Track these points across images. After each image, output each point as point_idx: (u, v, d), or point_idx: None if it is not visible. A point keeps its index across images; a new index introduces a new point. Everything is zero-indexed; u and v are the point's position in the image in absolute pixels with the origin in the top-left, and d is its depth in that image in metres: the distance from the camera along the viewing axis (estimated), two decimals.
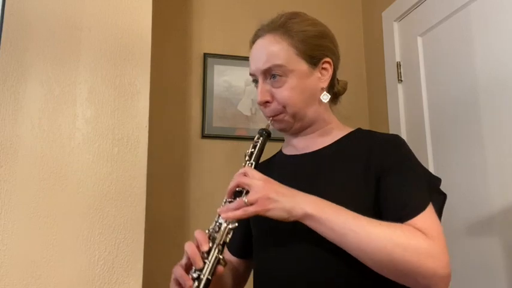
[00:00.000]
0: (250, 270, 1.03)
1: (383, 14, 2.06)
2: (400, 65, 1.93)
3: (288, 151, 0.99)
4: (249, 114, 2.00)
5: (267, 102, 0.90)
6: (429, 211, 0.78)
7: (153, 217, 1.56)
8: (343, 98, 1.04)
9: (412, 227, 0.74)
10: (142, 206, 1.29)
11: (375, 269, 0.74)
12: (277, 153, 1.05)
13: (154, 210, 1.68)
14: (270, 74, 0.89)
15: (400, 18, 1.94)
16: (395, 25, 1.97)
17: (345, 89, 1.02)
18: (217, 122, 1.97)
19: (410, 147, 0.88)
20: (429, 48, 1.78)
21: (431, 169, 1.69)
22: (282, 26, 0.91)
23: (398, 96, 1.92)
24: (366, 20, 2.26)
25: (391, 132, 1.93)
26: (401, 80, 1.92)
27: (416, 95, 1.82)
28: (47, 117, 1.26)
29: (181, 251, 0.80)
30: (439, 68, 1.71)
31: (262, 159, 0.99)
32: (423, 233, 0.74)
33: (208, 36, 2.06)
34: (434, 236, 0.74)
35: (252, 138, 0.92)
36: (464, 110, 1.56)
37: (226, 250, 1.02)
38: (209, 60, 2.01)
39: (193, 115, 1.97)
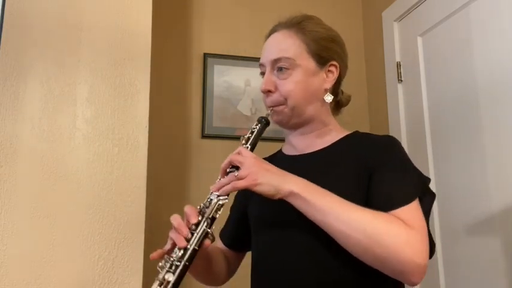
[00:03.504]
0: (239, 263, 1.05)
1: (383, 14, 2.06)
2: (400, 65, 1.93)
3: (287, 151, 1.01)
4: (249, 114, 2.00)
5: (270, 91, 0.92)
6: (414, 206, 0.79)
7: (153, 217, 1.56)
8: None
9: (394, 216, 0.76)
10: (143, 206, 1.29)
11: (354, 253, 0.76)
12: (278, 152, 1.07)
13: (154, 210, 1.68)
14: (278, 66, 0.91)
15: (400, 18, 1.94)
16: (395, 25, 1.97)
17: (348, 101, 1.06)
18: (217, 122, 1.97)
19: (411, 147, 0.89)
20: (429, 48, 1.77)
21: (431, 169, 1.70)
22: (298, 23, 0.95)
23: (398, 96, 1.91)
24: (366, 20, 2.26)
25: (390, 132, 1.94)
26: (401, 80, 1.92)
27: (416, 95, 1.82)
28: (47, 117, 1.26)
29: None
30: (439, 68, 1.71)
31: (263, 156, 1.00)
32: (405, 222, 0.75)
33: (208, 36, 2.06)
34: (415, 227, 0.76)
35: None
36: (464, 110, 1.56)
37: (218, 239, 1.05)
38: (209, 60, 2.00)
39: (193, 115, 1.97)
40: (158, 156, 1.82)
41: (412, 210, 0.78)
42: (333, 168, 0.89)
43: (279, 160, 1.02)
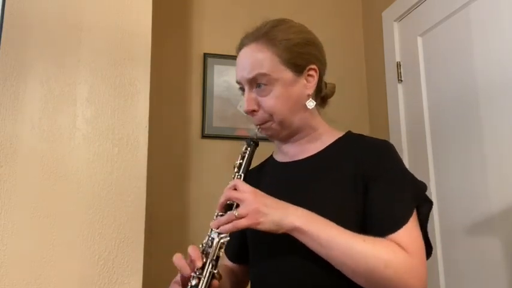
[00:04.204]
0: (249, 275, 1.03)
1: (383, 14, 2.06)
2: (400, 65, 1.93)
3: (279, 158, 1.00)
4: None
5: (254, 110, 0.91)
6: (411, 224, 0.80)
7: (153, 217, 1.56)
8: (343, 100, 1.04)
9: (393, 243, 0.77)
10: (143, 206, 1.29)
11: (357, 282, 0.78)
12: (269, 158, 1.06)
13: (155, 210, 1.68)
14: (256, 82, 0.89)
15: (400, 18, 1.94)
16: (395, 25, 1.97)
17: (333, 92, 1.02)
18: (217, 122, 1.97)
19: (410, 148, 0.89)
20: (429, 48, 1.77)
21: (431, 169, 1.70)
22: (266, 34, 0.91)
23: (398, 96, 1.91)
24: (366, 20, 2.26)
25: (390, 132, 1.94)
26: (401, 80, 1.92)
27: (416, 95, 1.82)
28: (47, 117, 1.26)
29: (181, 251, 0.81)
30: (439, 68, 1.71)
31: (253, 165, 1.00)
32: (404, 248, 0.77)
33: (208, 36, 2.06)
34: (413, 252, 0.77)
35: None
36: (464, 110, 1.56)
37: (223, 255, 1.03)
38: (209, 60, 2.00)
39: (193, 115, 1.97)
40: (158, 156, 1.82)
41: (409, 231, 0.79)
42: (327, 173, 0.88)
43: (271, 167, 1.01)
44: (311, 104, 0.92)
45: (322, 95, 0.99)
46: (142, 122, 1.33)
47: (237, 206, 0.80)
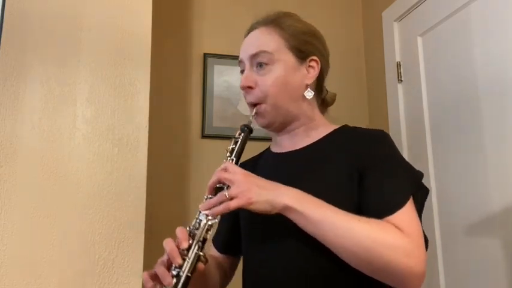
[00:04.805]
0: (235, 267, 1.03)
1: (383, 14, 2.06)
2: (400, 65, 1.93)
3: (274, 149, 1.00)
4: (249, 114, 2.00)
5: (250, 87, 0.90)
6: (408, 208, 0.78)
7: (153, 217, 1.56)
8: (343, 99, 1.04)
9: (390, 224, 0.75)
10: (143, 206, 1.29)
11: (352, 264, 0.75)
12: (265, 151, 1.05)
13: (154, 210, 1.68)
14: (257, 62, 0.90)
15: (400, 18, 1.94)
16: (395, 25, 1.97)
17: (333, 100, 1.03)
18: (217, 122, 1.97)
19: (410, 147, 0.88)
20: (429, 48, 1.78)
21: (431, 169, 1.70)
22: (276, 20, 0.94)
23: (398, 96, 1.92)
24: (366, 20, 2.26)
25: (390, 131, 1.94)
26: (401, 80, 1.92)
27: (416, 95, 1.82)
28: (47, 117, 1.26)
29: None
30: (439, 68, 1.71)
31: (249, 157, 0.98)
32: (401, 230, 0.75)
33: (208, 36, 2.06)
34: (411, 233, 0.75)
35: (252, 139, 0.92)
36: (464, 110, 1.56)
37: (211, 246, 1.03)
38: (209, 60, 2.01)
39: (193, 115, 1.97)
40: (158, 156, 1.82)
41: (406, 213, 0.77)
42: (322, 164, 0.88)
43: (266, 158, 1.01)
44: (309, 94, 0.92)
45: (322, 98, 0.99)
46: (143, 122, 1.33)
47: (228, 188, 0.77)
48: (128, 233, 1.26)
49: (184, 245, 0.75)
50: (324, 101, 1.01)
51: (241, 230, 0.97)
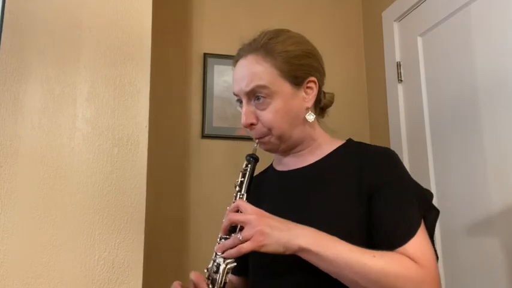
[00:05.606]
0: None
1: (383, 14, 2.06)
2: (400, 65, 1.93)
3: (279, 167, 0.99)
4: None
5: (252, 124, 0.89)
6: (420, 235, 0.78)
7: (153, 217, 1.56)
8: (343, 100, 1.03)
9: (404, 257, 0.75)
10: (142, 206, 1.29)
11: None
12: (268, 168, 1.05)
13: (154, 210, 1.68)
14: (254, 95, 0.88)
15: (400, 18, 1.94)
16: (395, 25, 1.97)
17: (331, 102, 1.01)
18: (217, 122, 1.97)
19: (410, 148, 0.88)
20: (429, 48, 1.78)
21: (431, 169, 1.70)
22: (264, 46, 0.89)
23: (398, 96, 1.92)
24: (366, 20, 2.26)
25: (390, 131, 1.94)
26: (401, 80, 1.92)
27: (416, 95, 1.82)
28: (47, 117, 1.26)
29: (181, 251, 0.81)
30: (439, 68, 1.71)
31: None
32: (414, 261, 0.75)
33: (208, 36, 2.06)
34: (425, 265, 0.75)
35: (251, 139, 0.92)
36: (464, 110, 1.56)
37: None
38: (209, 60, 2.01)
39: (193, 115, 1.97)
40: (158, 156, 1.82)
41: (418, 242, 0.77)
42: (329, 182, 0.87)
43: (271, 177, 1.00)
44: (311, 117, 0.90)
45: (321, 106, 0.98)
46: (143, 122, 1.33)
47: (241, 228, 0.77)
48: (128, 233, 1.26)
49: None
50: (322, 107, 1.00)
51: (250, 258, 0.95)
